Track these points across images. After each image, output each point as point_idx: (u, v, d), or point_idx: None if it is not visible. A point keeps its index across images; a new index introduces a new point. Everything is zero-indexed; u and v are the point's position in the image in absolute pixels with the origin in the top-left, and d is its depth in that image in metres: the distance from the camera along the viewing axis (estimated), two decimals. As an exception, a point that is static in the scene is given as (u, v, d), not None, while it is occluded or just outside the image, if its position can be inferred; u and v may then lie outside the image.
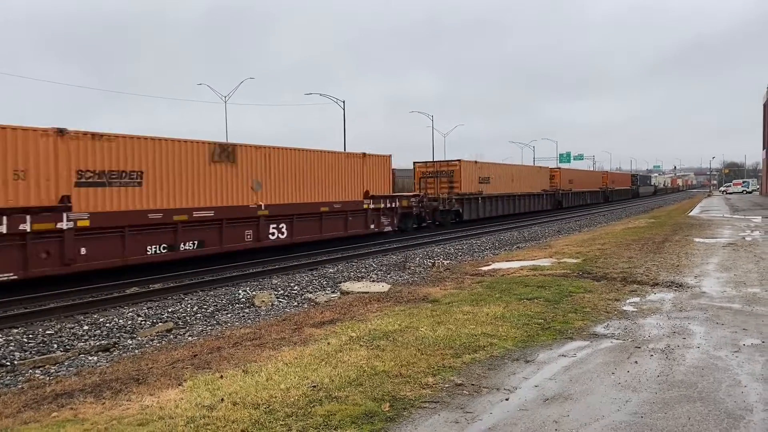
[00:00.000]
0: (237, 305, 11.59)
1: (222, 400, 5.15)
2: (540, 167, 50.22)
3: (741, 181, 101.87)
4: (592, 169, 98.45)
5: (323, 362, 6.19)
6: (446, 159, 33.34)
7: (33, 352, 8.60)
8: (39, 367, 7.82)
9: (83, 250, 13.33)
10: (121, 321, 10.32)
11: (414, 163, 33.56)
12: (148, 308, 11.33)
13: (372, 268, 16.15)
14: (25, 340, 9.20)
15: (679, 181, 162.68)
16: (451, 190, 31.14)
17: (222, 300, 11.99)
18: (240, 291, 12.85)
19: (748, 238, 18.65)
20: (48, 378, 7.05)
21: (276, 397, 5.17)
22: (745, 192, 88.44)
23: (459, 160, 32.20)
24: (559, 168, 54.83)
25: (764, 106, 74.94)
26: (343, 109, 52.72)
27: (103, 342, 8.98)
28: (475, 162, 34.50)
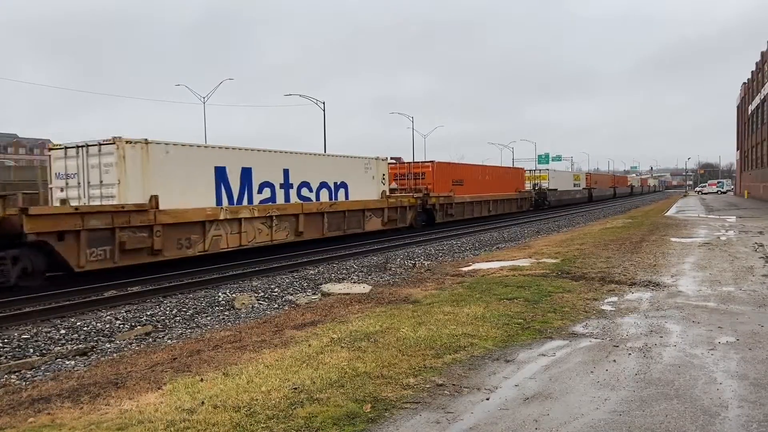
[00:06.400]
0: (217, 308, 11.50)
1: (202, 403, 5.11)
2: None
3: (716, 181, 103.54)
4: (570, 170, 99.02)
5: (304, 364, 6.18)
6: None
7: (8, 357, 8.45)
8: (15, 371, 7.68)
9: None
10: (98, 324, 10.18)
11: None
12: (126, 311, 11.19)
13: (353, 269, 16.13)
14: (0, 344, 9.04)
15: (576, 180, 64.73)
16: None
17: (201, 302, 11.89)
18: (220, 293, 12.75)
19: (723, 238, 18.97)
20: (24, 383, 6.94)
21: (257, 399, 5.15)
22: (719, 192, 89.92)
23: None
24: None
25: (738, 107, 76.41)
26: (324, 111, 52.67)
27: (80, 346, 8.85)
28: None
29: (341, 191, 23.28)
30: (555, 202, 52.26)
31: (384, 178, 26.07)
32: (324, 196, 22.25)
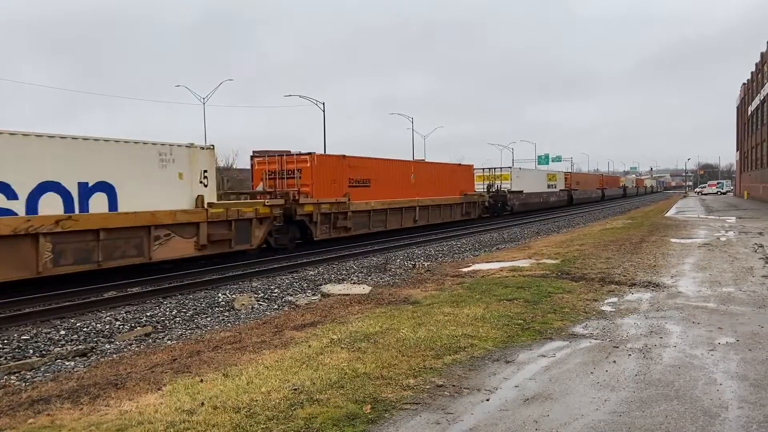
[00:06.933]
0: (217, 308, 11.50)
1: (202, 404, 5.11)
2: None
3: (716, 182, 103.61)
4: (571, 170, 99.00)
5: (304, 365, 6.18)
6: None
7: (8, 358, 8.45)
8: (14, 372, 7.68)
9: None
10: (98, 325, 10.18)
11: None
12: (126, 312, 11.19)
13: (353, 270, 16.14)
14: (0, 345, 9.03)
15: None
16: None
17: (201, 303, 11.89)
18: (219, 294, 12.75)
19: (722, 239, 18.97)
20: (24, 384, 6.94)
21: (257, 400, 5.14)
22: (719, 193, 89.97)
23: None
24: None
25: (737, 108, 76.46)
26: (323, 111, 52.73)
27: (80, 347, 8.85)
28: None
29: (98, 198, 14.15)
30: (520, 207, 43.04)
31: (205, 177, 16.97)
32: (51, 206, 13.18)
